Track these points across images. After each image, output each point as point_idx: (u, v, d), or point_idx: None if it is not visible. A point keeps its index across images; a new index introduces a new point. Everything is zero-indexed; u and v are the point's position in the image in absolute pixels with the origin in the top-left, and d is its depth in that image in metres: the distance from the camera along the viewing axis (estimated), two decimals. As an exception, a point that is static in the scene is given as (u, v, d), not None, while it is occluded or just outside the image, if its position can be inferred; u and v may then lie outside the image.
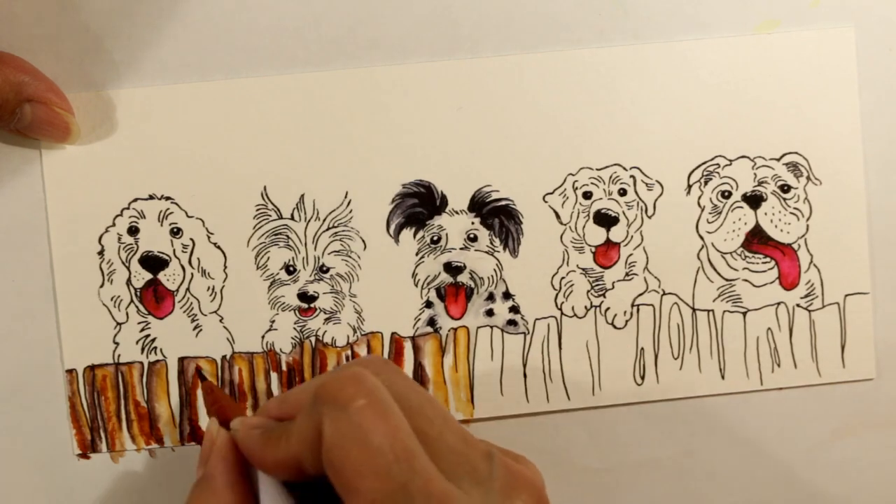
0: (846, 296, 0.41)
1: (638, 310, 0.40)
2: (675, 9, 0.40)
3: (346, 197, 0.40)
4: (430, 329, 0.40)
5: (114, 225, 0.39)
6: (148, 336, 0.39)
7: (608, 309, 0.40)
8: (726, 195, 0.40)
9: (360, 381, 0.28)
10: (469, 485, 0.27)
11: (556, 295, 0.40)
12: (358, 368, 0.29)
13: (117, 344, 0.39)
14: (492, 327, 0.40)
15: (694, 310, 0.40)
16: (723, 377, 0.40)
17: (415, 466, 0.26)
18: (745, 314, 0.40)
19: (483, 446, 0.29)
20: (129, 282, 0.39)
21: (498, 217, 0.40)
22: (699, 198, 0.40)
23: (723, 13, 0.40)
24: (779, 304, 0.40)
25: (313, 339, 0.40)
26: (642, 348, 0.40)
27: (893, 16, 0.40)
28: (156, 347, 0.40)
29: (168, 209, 0.39)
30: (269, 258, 0.40)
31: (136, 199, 0.39)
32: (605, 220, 0.40)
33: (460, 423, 0.30)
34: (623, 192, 0.40)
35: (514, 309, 0.40)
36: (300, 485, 0.30)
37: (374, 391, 0.27)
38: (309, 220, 0.40)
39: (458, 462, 0.28)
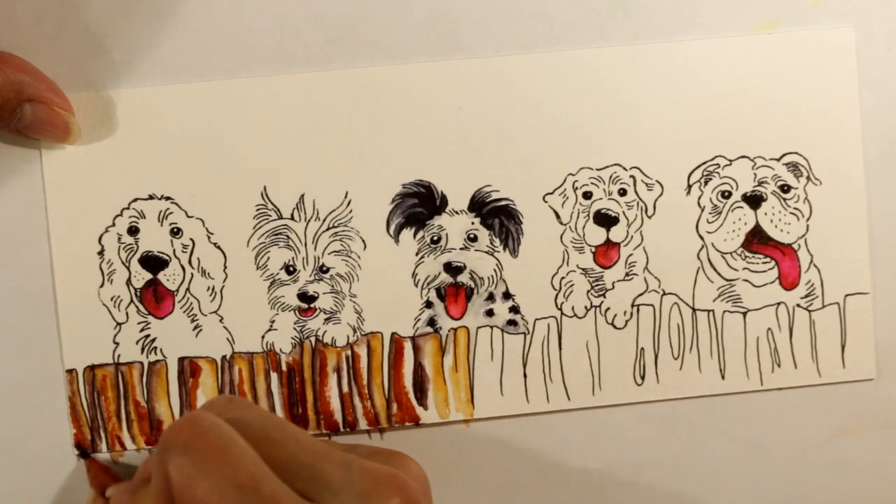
0: (846, 296, 0.41)
1: (638, 310, 0.40)
2: (674, 9, 0.40)
3: (346, 197, 0.40)
4: (430, 329, 0.40)
5: (114, 225, 0.39)
6: (148, 336, 0.39)
7: (608, 309, 0.40)
8: (726, 195, 0.40)
9: (197, 422, 0.28)
10: (328, 496, 0.28)
11: (557, 295, 0.40)
12: (196, 412, 0.30)
13: (117, 344, 0.39)
14: (492, 327, 0.40)
15: (694, 310, 0.40)
16: (723, 377, 0.40)
17: (262, 490, 0.27)
18: (745, 314, 0.40)
19: (340, 457, 0.29)
20: (129, 282, 0.39)
21: (498, 217, 0.40)
22: (699, 198, 0.40)
23: (723, 13, 0.40)
24: (779, 304, 0.40)
25: (313, 339, 0.40)
26: (642, 348, 0.40)
27: (894, 16, 0.40)
28: (156, 347, 0.40)
29: (168, 209, 0.39)
30: (269, 258, 0.40)
31: (136, 199, 0.39)
32: (605, 220, 0.40)
33: (318, 439, 0.31)
34: (623, 192, 0.40)
35: (514, 309, 0.40)
36: None
37: (211, 429, 0.28)
38: (309, 220, 0.40)
39: (313, 477, 0.28)
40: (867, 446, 0.41)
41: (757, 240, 0.40)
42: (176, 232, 0.39)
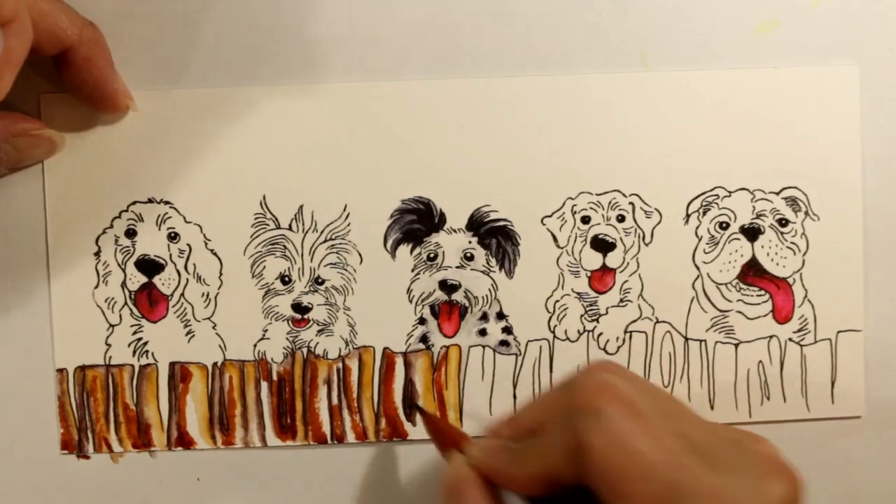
0: (839, 332, 0.41)
1: (630, 336, 0.40)
2: (675, 9, 0.40)
3: (344, 210, 0.40)
4: (422, 346, 0.40)
5: (111, 227, 0.39)
6: (140, 339, 0.39)
7: (601, 334, 0.40)
8: (724, 226, 0.40)
9: (613, 388, 0.28)
10: (729, 475, 0.27)
11: (550, 318, 0.40)
12: (605, 375, 0.29)
13: (109, 346, 0.39)
14: (484, 347, 0.40)
15: (686, 339, 0.40)
16: (712, 407, 0.40)
17: (680, 464, 0.27)
18: (737, 346, 0.41)
19: (728, 434, 0.29)
20: (123, 284, 0.39)
21: (495, 237, 0.40)
22: (697, 227, 0.40)
23: (723, 13, 0.40)
24: (771, 337, 0.41)
25: (305, 350, 0.40)
26: (633, 375, 0.40)
27: (899, 55, 0.40)
28: (147, 351, 0.40)
29: (166, 213, 0.39)
30: (264, 267, 0.40)
31: (134, 202, 0.39)
32: (602, 245, 0.40)
33: (699, 416, 0.30)
34: (621, 219, 0.40)
35: (507, 329, 0.40)
36: (545, 500, 0.30)
37: (626, 397, 0.28)
38: (307, 232, 0.40)
39: (713, 454, 0.28)
40: (867, 446, 0.41)
41: (752, 272, 0.40)
42: (173, 237, 0.39)
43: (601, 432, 0.27)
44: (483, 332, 0.40)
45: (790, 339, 0.41)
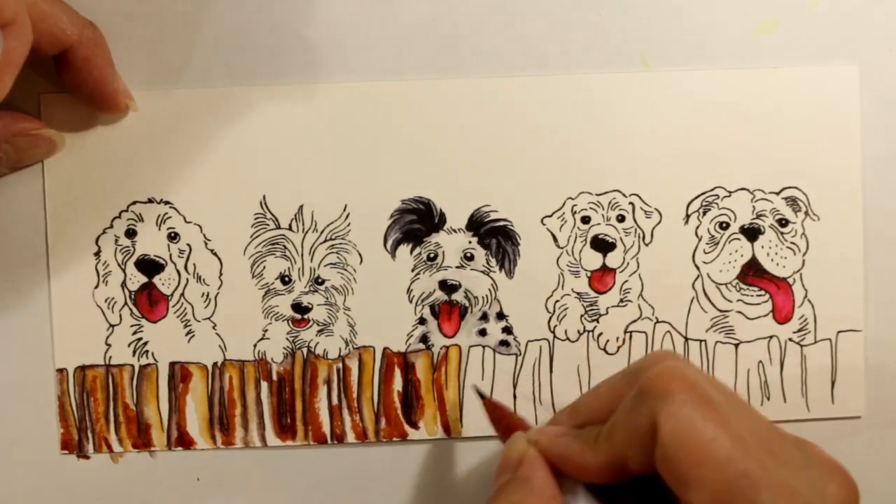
0: (839, 332, 0.41)
1: (631, 336, 0.40)
2: (675, 9, 0.40)
3: (344, 210, 0.40)
4: (422, 346, 0.40)
5: (111, 227, 0.39)
6: (140, 339, 0.39)
7: (601, 334, 0.40)
8: (724, 226, 0.40)
9: (683, 374, 0.28)
10: (795, 471, 0.27)
11: (550, 318, 0.40)
12: (674, 363, 0.29)
13: (109, 346, 0.39)
14: (484, 347, 0.40)
15: (686, 339, 0.40)
16: (712, 408, 0.40)
17: (752, 455, 0.26)
18: (737, 346, 0.41)
19: (791, 436, 0.29)
20: (123, 284, 0.39)
21: (495, 237, 0.40)
22: (697, 227, 0.40)
23: (723, 13, 0.40)
24: (771, 337, 0.41)
25: (305, 350, 0.40)
26: (633, 375, 0.40)
27: (899, 55, 0.40)
28: (147, 351, 0.40)
29: (166, 213, 0.39)
30: (264, 267, 0.40)
31: (134, 202, 0.39)
32: (602, 245, 0.40)
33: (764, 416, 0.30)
34: (621, 219, 0.40)
35: (507, 330, 0.40)
36: (604, 490, 0.30)
37: (697, 383, 0.28)
38: (307, 232, 0.40)
39: (778, 451, 0.28)
40: (867, 446, 0.41)
41: (752, 272, 0.40)
42: (173, 237, 0.39)
43: (673, 416, 0.27)
44: (483, 332, 0.40)
45: (790, 339, 0.41)
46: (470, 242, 0.40)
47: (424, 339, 0.40)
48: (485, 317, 0.40)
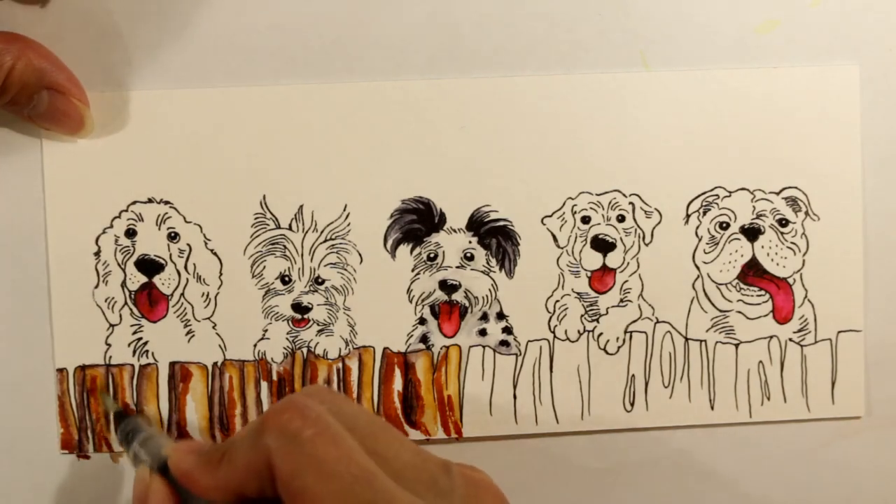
0: (839, 332, 0.41)
1: (631, 336, 0.40)
2: (675, 9, 0.40)
3: (344, 209, 0.40)
4: (422, 346, 0.40)
5: (111, 226, 0.39)
6: (140, 339, 0.39)
7: (601, 334, 0.40)
8: (724, 226, 0.40)
9: (306, 410, 0.28)
10: (433, 497, 0.28)
11: (550, 318, 0.40)
12: (301, 398, 0.29)
13: (109, 345, 0.39)
14: (484, 347, 0.40)
15: (686, 339, 0.40)
16: (712, 408, 0.40)
17: (375, 486, 0.26)
18: (737, 346, 0.41)
19: (439, 460, 0.29)
20: (123, 284, 0.39)
21: (495, 237, 0.40)
22: (697, 227, 0.40)
23: (723, 13, 0.40)
24: (771, 337, 0.41)
25: (305, 350, 0.40)
26: (633, 375, 0.40)
27: (899, 55, 0.40)
28: (147, 351, 0.39)
29: (166, 213, 0.39)
30: (264, 267, 0.40)
31: (134, 202, 0.39)
32: (603, 245, 0.40)
33: (413, 442, 0.30)
34: (621, 219, 0.40)
35: (507, 330, 0.40)
36: None
37: (320, 419, 0.27)
38: (307, 231, 0.40)
39: (419, 478, 0.28)
40: (867, 446, 0.41)
41: (753, 272, 0.40)
42: (173, 236, 0.39)
43: (292, 455, 0.27)
44: (483, 332, 0.40)
45: (790, 340, 0.41)
46: (470, 242, 0.40)
47: (424, 339, 0.40)
48: (485, 317, 0.40)
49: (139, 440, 0.35)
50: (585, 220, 0.40)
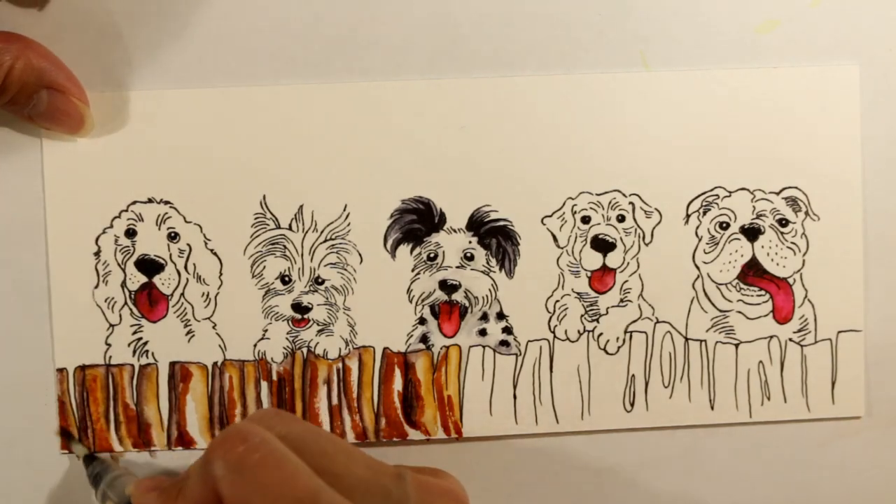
0: (839, 332, 0.41)
1: (631, 336, 0.40)
2: (675, 9, 0.40)
3: (344, 209, 0.40)
4: (422, 346, 0.40)
5: (111, 226, 0.39)
6: (140, 339, 0.39)
7: (601, 334, 0.40)
8: (724, 226, 0.40)
9: (248, 436, 0.28)
10: None
11: (550, 318, 0.40)
12: (245, 424, 0.29)
13: (109, 345, 0.39)
14: (484, 347, 0.40)
15: (686, 339, 0.40)
16: (712, 408, 0.40)
17: (320, 503, 0.27)
18: (737, 346, 0.41)
19: (393, 470, 0.30)
20: (123, 284, 0.39)
21: (495, 237, 0.40)
22: (697, 227, 0.40)
23: (723, 13, 0.40)
24: (771, 337, 0.41)
25: (305, 350, 0.40)
26: (633, 375, 0.40)
27: (899, 55, 0.40)
28: (147, 351, 0.39)
29: (166, 213, 0.39)
30: (264, 267, 0.40)
31: (134, 202, 0.39)
32: (603, 245, 0.40)
33: (366, 454, 0.31)
34: (621, 219, 0.40)
35: (507, 330, 0.40)
36: None
37: (263, 444, 0.28)
38: (307, 231, 0.40)
39: (370, 491, 0.28)
40: (867, 446, 0.41)
41: (753, 272, 0.40)
42: (173, 236, 0.39)
43: (237, 482, 0.27)
44: (483, 332, 0.40)
45: (790, 340, 0.41)
46: (470, 242, 0.40)
47: (424, 339, 0.40)
48: (485, 317, 0.40)
49: (106, 482, 0.36)
50: (585, 220, 0.40)
